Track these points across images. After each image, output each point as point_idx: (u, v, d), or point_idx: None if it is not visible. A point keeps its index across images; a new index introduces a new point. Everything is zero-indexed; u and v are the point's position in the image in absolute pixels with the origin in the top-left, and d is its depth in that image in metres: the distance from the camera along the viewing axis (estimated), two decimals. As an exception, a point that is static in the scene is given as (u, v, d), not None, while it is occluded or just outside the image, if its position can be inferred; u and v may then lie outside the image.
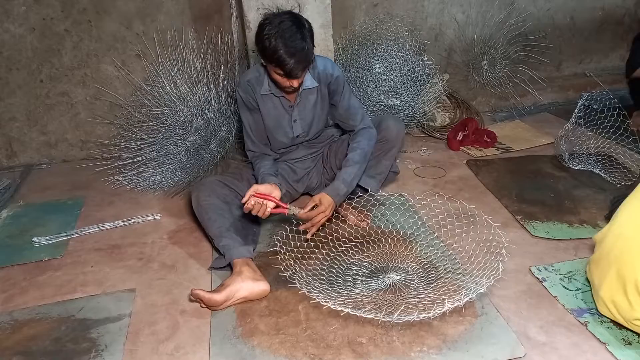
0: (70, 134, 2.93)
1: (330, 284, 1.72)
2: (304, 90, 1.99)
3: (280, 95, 1.98)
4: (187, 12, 2.81)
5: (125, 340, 1.55)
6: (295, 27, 1.72)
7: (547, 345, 1.44)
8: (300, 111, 2.03)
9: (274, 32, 1.70)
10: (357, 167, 1.99)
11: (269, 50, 1.73)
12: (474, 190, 2.37)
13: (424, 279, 1.74)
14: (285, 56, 1.70)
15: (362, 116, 2.09)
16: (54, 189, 2.64)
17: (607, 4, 3.57)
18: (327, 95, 2.06)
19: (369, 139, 2.06)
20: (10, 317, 1.68)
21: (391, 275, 1.76)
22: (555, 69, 3.65)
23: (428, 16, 3.22)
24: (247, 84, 1.98)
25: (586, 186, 2.32)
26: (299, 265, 1.82)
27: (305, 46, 1.73)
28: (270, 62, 1.77)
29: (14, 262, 1.99)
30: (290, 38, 1.70)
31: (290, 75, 1.77)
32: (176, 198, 2.45)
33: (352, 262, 1.87)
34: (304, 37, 1.74)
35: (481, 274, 1.65)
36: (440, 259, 1.84)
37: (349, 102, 2.07)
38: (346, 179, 1.96)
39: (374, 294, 1.67)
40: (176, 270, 1.90)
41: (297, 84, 1.83)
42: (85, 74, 2.81)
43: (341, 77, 2.04)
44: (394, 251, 1.91)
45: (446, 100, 3.17)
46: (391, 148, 2.12)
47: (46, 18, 2.66)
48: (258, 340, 1.50)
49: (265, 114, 2.03)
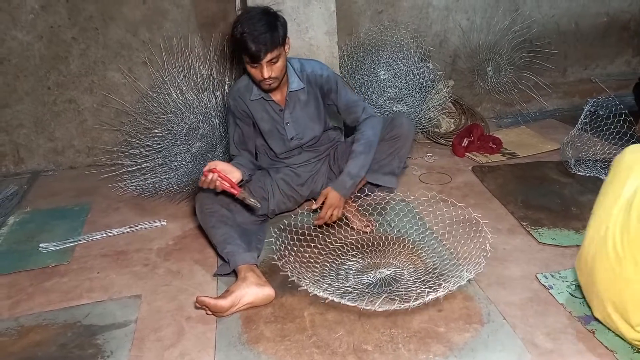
0: (77, 141, 2.95)
1: (322, 276, 1.77)
2: (291, 93, 2.00)
3: (270, 99, 2.00)
4: (192, 19, 2.83)
5: (131, 346, 1.55)
6: (262, 15, 1.79)
7: (554, 353, 1.43)
8: (292, 113, 2.05)
9: (242, 21, 1.78)
10: (362, 158, 2.01)
11: (235, 37, 1.79)
12: (479, 197, 2.36)
13: (414, 273, 1.79)
14: (248, 38, 1.75)
15: (363, 107, 2.10)
16: (60, 195, 2.66)
17: (612, 9, 3.57)
18: (320, 97, 2.08)
19: (373, 127, 2.07)
20: (16, 322, 1.69)
21: (382, 270, 1.81)
22: (560, 75, 3.64)
23: (433, 23, 3.22)
24: (236, 92, 2.02)
25: (592, 192, 2.28)
26: (293, 257, 1.86)
27: (269, 32, 1.76)
28: (238, 48, 1.82)
29: (21, 268, 2.00)
30: (256, 24, 1.75)
31: (253, 58, 1.79)
32: (182, 204, 2.46)
33: (347, 258, 1.91)
34: (270, 24, 1.78)
35: (463, 267, 1.68)
36: (438, 264, 1.84)
37: (347, 96, 2.09)
38: (351, 171, 1.99)
39: (364, 287, 1.71)
40: (182, 276, 1.90)
41: (267, 74, 1.81)
42: (92, 81, 2.84)
43: (332, 76, 2.06)
44: (393, 252, 1.92)
45: (451, 106, 3.16)
46: (403, 145, 2.13)
47: (54, 26, 2.69)
48: (263, 347, 1.50)
49: (259, 119, 2.05)
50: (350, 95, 2.10)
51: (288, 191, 2.17)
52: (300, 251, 1.91)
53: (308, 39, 2.47)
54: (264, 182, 2.14)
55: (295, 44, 2.45)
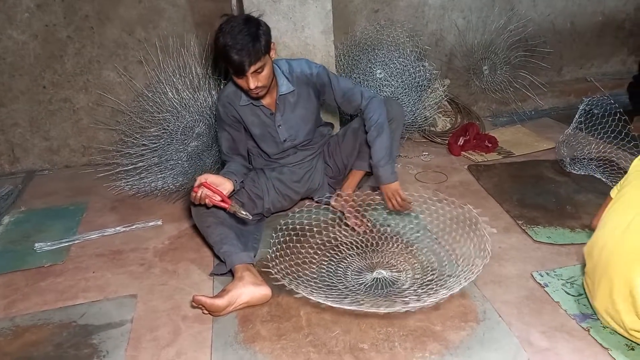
0: (73, 140, 2.94)
1: (320, 279, 1.77)
2: (281, 96, 1.99)
3: (260, 104, 1.98)
4: (188, 18, 2.82)
5: (127, 346, 1.55)
6: (244, 25, 1.76)
7: (550, 351, 1.44)
8: (283, 116, 2.03)
9: (224, 31, 1.75)
10: (380, 141, 1.99)
11: (218, 49, 1.77)
12: (475, 195, 2.37)
13: (412, 276, 1.79)
14: (231, 51, 1.73)
15: (360, 92, 2.06)
16: (56, 194, 2.65)
17: (607, 8, 3.58)
18: (314, 95, 2.06)
19: (376, 110, 2.02)
20: (12, 322, 1.68)
21: (380, 271, 1.82)
22: (556, 74, 3.66)
23: (429, 22, 3.23)
24: (225, 98, 1.99)
25: (588, 191, 2.32)
26: (287, 260, 1.86)
27: (252, 43, 1.73)
28: (222, 60, 1.80)
29: (16, 268, 1.99)
30: (237, 36, 1.73)
31: (238, 72, 1.77)
32: (178, 203, 2.45)
33: (343, 257, 1.92)
34: (252, 35, 1.74)
35: (463, 269, 1.69)
36: (436, 264, 1.84)
37: (341, 86, 2.05)
38: (378, 161, 1.99)
39: (360, 288, 1.72)
40: (178, 275, 1.90)
41: (253, 84, 1.79)
42: (87, 80, 2.83)
43: (321, 71, 2.03)
44: (390, 253, 1.92)
45: (447, 105, 3.17)
46: (396, 128, 2.13)
47: (49, 25, 2.68)
48: (260, 346, 1.50)
49: (249, 124, 2.03)
50: (344, 84, 2.06)
51: (283, 190, 2.16)
52: (294, 252, 1.90)
53: (304, 38, 2.46)
54: (259, 181, 2.14)
55: (291, 43, 2.45)
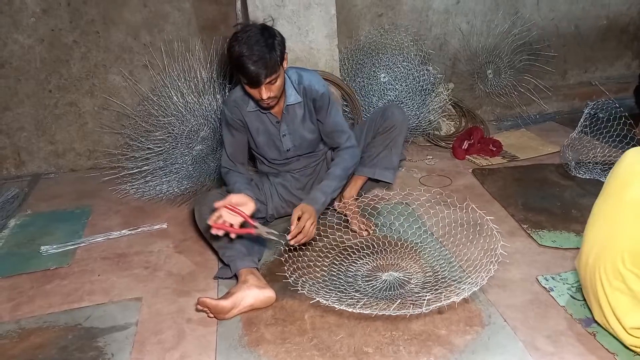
0: (78, 144, 2.96)
1: (331, 283, 1.76)
2: (289, 106, 1.97)
3: (267, 112, 1.97)
4: (193, 22, 2.84)
5: (132, 349, 1.55)
6: (260, 35, 1.72)
7: (555, 356, 1.43)
8: (288, 126, 2.01)
9: (239, 40, 1.71)
10: (337, 181, 1.97)
11: (233, 58, 1.73)
12: (479, 199, 2.36)
13: (422, 279, 1.78)
14: (247, 62, 1.69)
15: (348, 135, 2.06)
16: (61, 198, 2.66)
17: (611, 12, 3.58)
18: (313, 110, 2.03)
19: (352, 157, 2.04)
20: (17, 325, 1.69)
21: (391, 272, 1.82)
22: (560, 78, 3.65)
23: (432, 26, 3.23)
24: (233, 102, 1.97)
25: (593, 195, 2.27)
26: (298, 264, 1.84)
27: (269, 55, 1.71)
28: (236, 69, 1.76)
29: (22, 271, 2.00)
30: (254, 46, 1.69)
31: (252, 83, 1.74)
32: (183, 207, 2.46)
33: (352, 261, 1.91)
34: (269, 46, 1.72)
35: (474, 272, 1.68)
36: (444, 268, 1.84)
37: (335, 119, 2.04)
38: (326, 190, 1.93)
39: (373, 292, 1.72)
40: (182, 279, 1.90)
41: (265, 95, 1.76)
42: (93, 84, 2.84)
43: (327, 95, 2.00)
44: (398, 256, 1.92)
45: (451, 109, 3.17)
46: (399, 135, 2.12)
47: (55, 29, 2.70)
48: (264, 349, 1.50)
49: (254, 131, 2.01)
50: (338, 119, 2.05)
51: (286, 196, 2.15)
52: (301, 256, 1.90)
53: (308, 42, 2.47)
54: (263, 186, 2.13)
55: (295, 47, 2.46)
